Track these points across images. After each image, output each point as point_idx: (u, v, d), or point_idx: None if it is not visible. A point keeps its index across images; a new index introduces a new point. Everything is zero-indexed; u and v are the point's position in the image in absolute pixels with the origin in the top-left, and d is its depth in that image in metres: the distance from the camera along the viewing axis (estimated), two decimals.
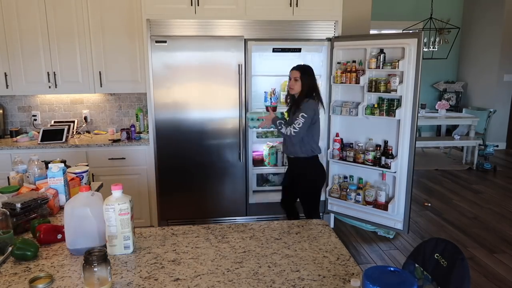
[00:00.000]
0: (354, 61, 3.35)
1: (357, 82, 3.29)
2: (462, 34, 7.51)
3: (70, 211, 1.45)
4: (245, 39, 3.33)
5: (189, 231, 1.68)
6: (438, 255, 1.45)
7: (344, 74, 3.36)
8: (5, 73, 3.49)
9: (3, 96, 3.81)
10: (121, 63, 3.59)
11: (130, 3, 3.48)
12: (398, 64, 3.09)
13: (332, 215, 3.79)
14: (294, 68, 2.87)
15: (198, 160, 3.47)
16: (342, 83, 3.39)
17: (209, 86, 3.37)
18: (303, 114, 2.74)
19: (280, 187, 3.29)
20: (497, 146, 6.48)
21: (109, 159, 3.46)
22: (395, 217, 3.32)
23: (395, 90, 3.13)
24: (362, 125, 3.45)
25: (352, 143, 3.53)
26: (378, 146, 3.34)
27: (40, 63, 3.52)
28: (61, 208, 1.90)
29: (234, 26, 3.32)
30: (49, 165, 1.97)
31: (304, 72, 2.83)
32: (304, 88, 2.82)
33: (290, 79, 2.86)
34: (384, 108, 3.22)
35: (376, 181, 3.48)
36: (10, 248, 1.44)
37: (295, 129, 2.76)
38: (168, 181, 3.47)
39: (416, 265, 1.54)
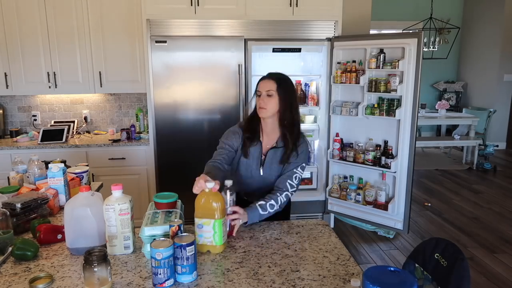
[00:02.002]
0: (354, 61, 3.35)
1: (357, 82, 3.28)
2: (462, 34, 7.51)
3: (70, 211, 1.45)
4: (245, 39, 3.33)
5: (189, 231, 1.68)
6: (438, 255, 1.45)
7: (344, 74, 3.36)
8: (5, 73, 3.49)
9: (3, 96, 3.81)
10: (121, 63, 3.59)
11: (130, 3, 3.48)
12: (398, 64, 3.09)
13: (332, 215, 3.79)
14: (267, 77, 1.84)
15: (198, 160, 3.45)
16: (342, 83, 3.39)
17: (209, 86, 3.36)
18: (304, 165, 1.86)
19: None
20: (497, 146, 6.48)
21: (109, 159, 3.46)
22: (395, 217, 3.32)
23: (395, 90, 3.13)
24: (362, 125, 3.44)
25: (352, 143, 3.53)
26: (378, 146, 3.34)
27: (40, 63, 3.52)
28: (61, 208, 1.90)
29: (234, 26, 3.32)
30: (49, 165, 1.97)
31: (283, 84, 1.82)
32: (281, 110, 1.81)
33: (259, 94, 1.83)
34: (384, 108, 3.22)
35: (376, 181, 3.48)
36: (10, 248, 1.44)
37: (293, 187, 1.83)
38: (168, 181, 3.46)
39: (416, 265, 1.54)
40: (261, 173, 1.90)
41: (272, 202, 1.76)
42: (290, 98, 1.83)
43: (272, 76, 1.84)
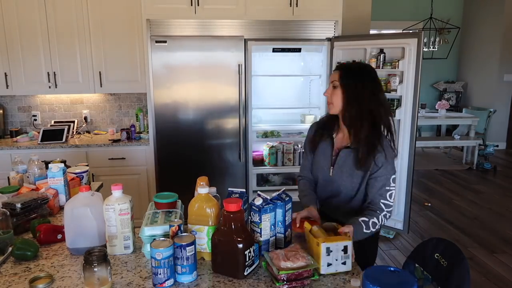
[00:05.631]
0: (354, 61, 3.34)
1: None
2: (462, 34, 7.51)
3: (70, 211, 1.45)
4: (245, 39, 3.33)
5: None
6: (438, 255, 1.46)
7: None
8: (5, 73, 3.49)
9: (3, 96, 3.81)
10: (121, 63, 3.59)
11: (130, 3, 3.47)
12: (398, 64, 3.09)
13: None
14: (336, 68, 1.66)
15: (198, 160, 3.47)
16: None
17: (209, 86, 3.36)
18: (394, 176, 1.60)
19: (280, 187, 3.30)
20: (497, 146, 6.47)
21: (109, 159, 3.46)
22: (395, 217, 3.31)
23: (395, 90, 3.13)
24: None
25: None
26: None
27: (40, 63, 3.52)
28: (61, 208, 1.90)
29: (234, 26, 3.32)
30: (49, 165, 1.97)
31: (349, 73, 1.60)
32: (345, 102, 1.58)
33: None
34: None
35: None
36: (10, 248, 1.44)
37: (389, 206, 1.59)
38: (168, 181, 3.46)
39: (416, 265, 1.54)
40: (330, 174, 1.66)
41: (374, 220, 1.53)
42: (356, 88, 1.55)
43: (340, 66, 1.63)
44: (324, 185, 1.71)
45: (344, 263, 1.31)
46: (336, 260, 1.30)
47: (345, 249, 1.30)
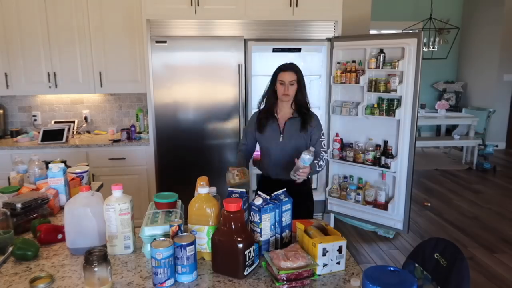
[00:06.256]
0: (354, 61, 3.35)
1: (357, 82, 3.29)
2: (462, 34, 7.51)
3: (70, 211, 1.46)
4: (245, 39, 3.33)
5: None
6: (438, 255, 1.46)
7: (344, 74, 3.36)
8: (5, 73, 3.50)
9: (3, 96, 3.81)
10: (121, 63, 3.59)
11: (130, 3, 3.48)
12: (398, 64, 3.09)
13: (332, 215, 3.79)
14: (288, 69, 2.26)
15: (198, 160, 3.47)
16: (342, 83, 3.39)
17: (209, 86, 3.37)
18: (323, 132, 2.32)
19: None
20: (496, 146, 6.48)
21: (109, 159, 3.46)
22: (395, 217, 3.32)
23: (395, 90, 3.13)
24: (362, 125, 3.44)
25: (352, 143, 3.53)
26: (378, 146, 3.34)
27: (40, 63, 3.52)
28: (62, 208, 1.90)
29: (234, 26, 3.32)
30: (50, 165, 1.97)
31: (300, 74, 2.28)
32: (301, 96, 2.28)
33: (282, 82, 2.23)
34: (384, 108, 3.23)
35: (376, 181, 3.48)
36: (10, 248, 1.44)
37: (326, 152, 2.30)
38: (168, 181, 3.47)
39: (416, 265, 1.54)
40: (281, 140, 2.28)
41: (321, 163, 2.24)
42: (304, 84, 2.30)
43: (292, 69, 2.27)
44: (276, 149, 2.30)
45: (338, 263, 1.34)
46: (331, 260, 1.32)
47: (340, 249, 1.33)
